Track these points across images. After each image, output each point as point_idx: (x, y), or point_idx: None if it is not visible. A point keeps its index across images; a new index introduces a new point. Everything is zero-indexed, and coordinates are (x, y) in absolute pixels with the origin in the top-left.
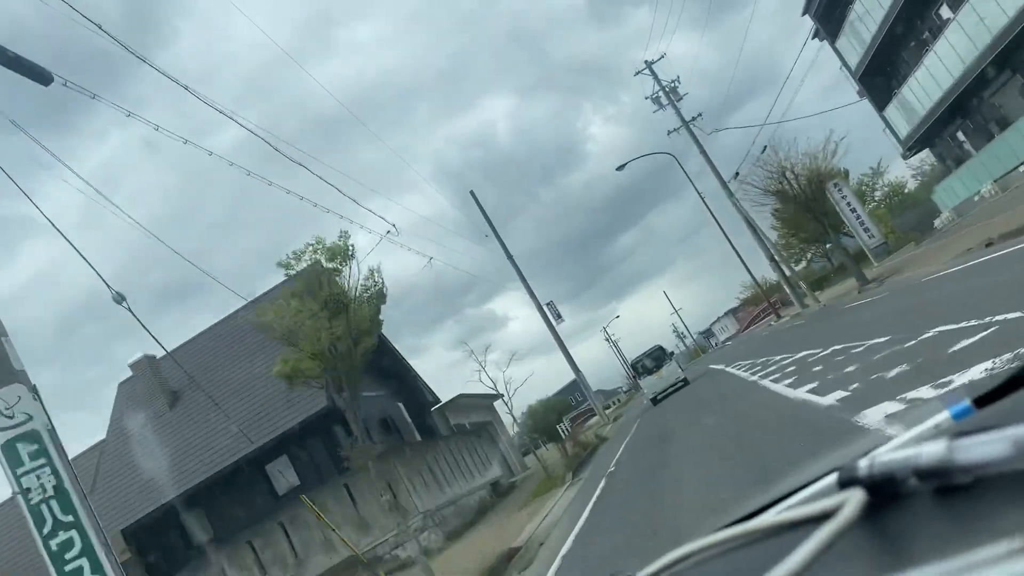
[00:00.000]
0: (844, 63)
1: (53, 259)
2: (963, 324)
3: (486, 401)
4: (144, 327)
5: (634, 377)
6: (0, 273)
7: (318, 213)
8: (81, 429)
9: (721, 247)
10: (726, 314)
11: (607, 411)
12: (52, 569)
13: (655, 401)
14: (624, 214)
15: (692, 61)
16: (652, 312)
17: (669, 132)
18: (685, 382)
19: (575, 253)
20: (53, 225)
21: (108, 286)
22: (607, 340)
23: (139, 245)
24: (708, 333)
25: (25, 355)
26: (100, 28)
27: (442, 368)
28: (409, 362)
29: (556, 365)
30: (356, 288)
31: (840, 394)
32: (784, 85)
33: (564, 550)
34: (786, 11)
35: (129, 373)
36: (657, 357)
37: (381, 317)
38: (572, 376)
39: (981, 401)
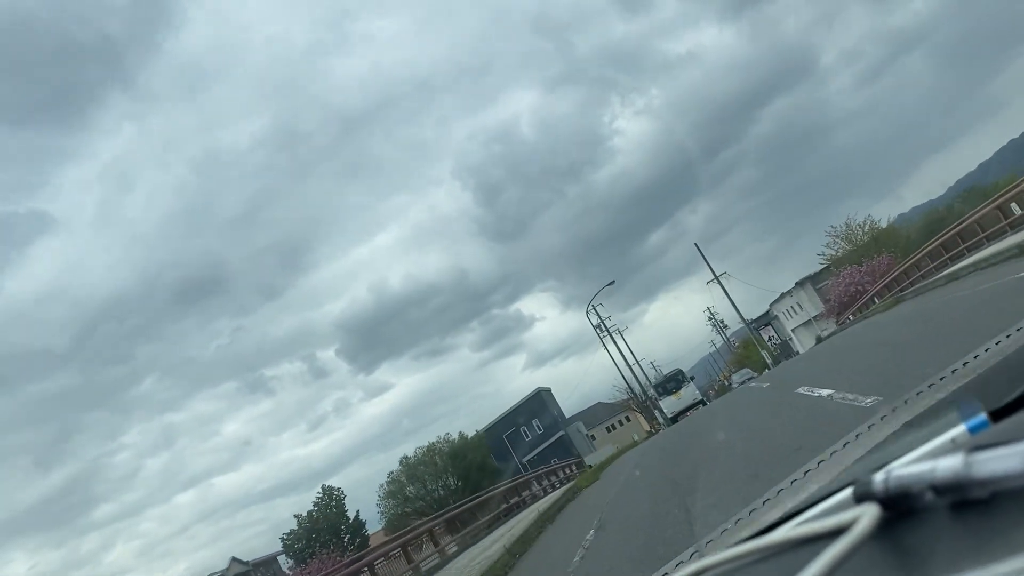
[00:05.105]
0: None
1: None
2: None
3: None
4: None
5: (652, 396)
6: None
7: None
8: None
9: (751, 246)
10: (799, 284)
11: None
12: None
13: (675, 420)
14: (653, 212)
15: None
16: (682, 315)
17: None
18: (703, 403)
19: (602, 253)
20: None
21: None
22: (595, 328)
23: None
24: (766, 319)
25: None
26: None
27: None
28: None
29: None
30: None
31: None
32: None
33: None
34: None
35: None
36: (677, 380)
37: None
38: (536, 385)
39: (997, 414)
